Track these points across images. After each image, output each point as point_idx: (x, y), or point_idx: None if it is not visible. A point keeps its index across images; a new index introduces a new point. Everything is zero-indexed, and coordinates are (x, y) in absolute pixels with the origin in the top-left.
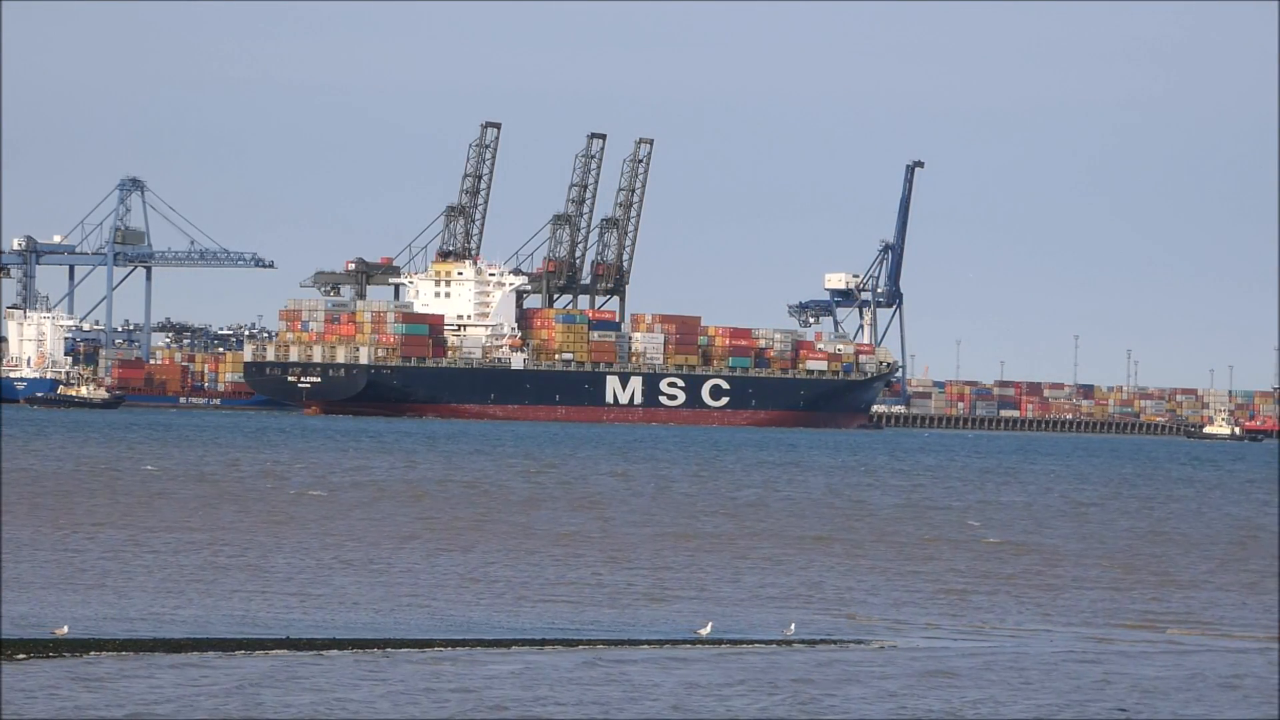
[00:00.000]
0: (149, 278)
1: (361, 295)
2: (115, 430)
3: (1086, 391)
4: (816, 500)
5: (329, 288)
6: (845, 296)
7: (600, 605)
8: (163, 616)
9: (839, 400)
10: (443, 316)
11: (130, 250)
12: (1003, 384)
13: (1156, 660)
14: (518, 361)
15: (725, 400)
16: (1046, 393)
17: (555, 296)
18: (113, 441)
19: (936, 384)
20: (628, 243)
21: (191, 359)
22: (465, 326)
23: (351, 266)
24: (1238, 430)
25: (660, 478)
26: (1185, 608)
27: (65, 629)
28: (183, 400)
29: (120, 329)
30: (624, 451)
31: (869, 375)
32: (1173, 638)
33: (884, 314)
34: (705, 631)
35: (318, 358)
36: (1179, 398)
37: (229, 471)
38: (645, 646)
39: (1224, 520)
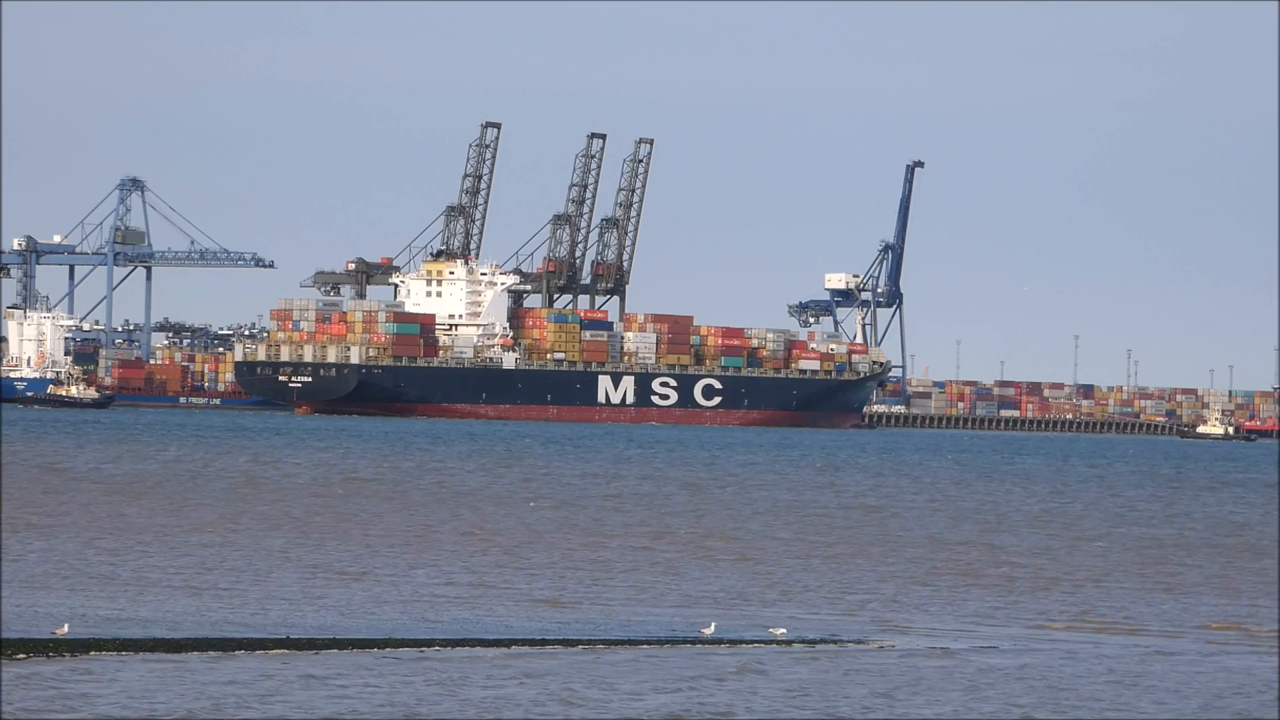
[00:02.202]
0: (149, 278)
1: (361, 295)
2: (75, 430)
3: (1086, 391)
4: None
5: (329, 288)
6: (845, 296)
7: (585, 604)
8: (161, 619)
9: (831, 400)
10: (434, 316)
11: (130, 250)
12: (1003, 384)
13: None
14: (509, 361)
15: (717, 400)
16: (1046, 393)
17: (555, 296)
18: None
19: (936, 384)
20: (628, 243)
21: (191, 359)
22: (456, 326)
23: (351, 266)
24: (1232, 430)
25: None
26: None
27: (65, 628)
28: (183, 400)
29: (120, 329)
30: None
31: (862, 375)
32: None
33: (884, 314)
34: (709, 631)
35: (309, 357)
36: (1179, 398)
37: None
38: (645, 646)
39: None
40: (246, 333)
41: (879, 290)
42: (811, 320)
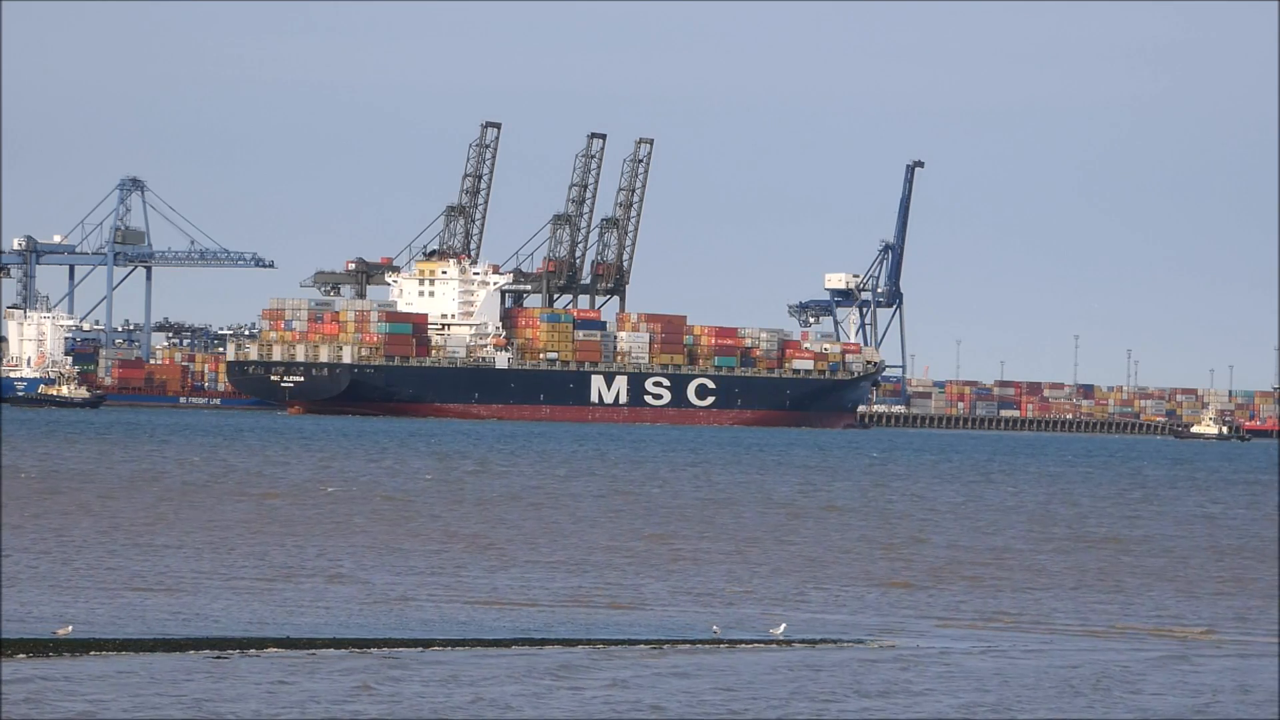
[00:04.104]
0: (149, 278)
1: (361, 295)
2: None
3: (1086, 391)
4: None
5: (329, 288)
6: (845, 296)
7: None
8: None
9: (825, 400)
10: (426, 316)
11: (130, 250)
12: (1003, 384)
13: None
14: (502, 361)
15: (711, 400)
16: (1046, 393)
17: (555, 296)
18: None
19: (936, 384)
20: (628, 243)
21: (191, 359)
22: (449, 325)
23: (351, 266)
24: (1226, 430)
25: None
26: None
27: (69, 629)
28: (183, 400)
29: (120, 329)
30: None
31: (855, 375)
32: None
33: (884, 314)
34: (719, 630)
35: (301, 357)
36: (1179, 398)
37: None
38: (642, 645)
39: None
40: (246, 333)
41: (879, 290)
42: (811, 320)
